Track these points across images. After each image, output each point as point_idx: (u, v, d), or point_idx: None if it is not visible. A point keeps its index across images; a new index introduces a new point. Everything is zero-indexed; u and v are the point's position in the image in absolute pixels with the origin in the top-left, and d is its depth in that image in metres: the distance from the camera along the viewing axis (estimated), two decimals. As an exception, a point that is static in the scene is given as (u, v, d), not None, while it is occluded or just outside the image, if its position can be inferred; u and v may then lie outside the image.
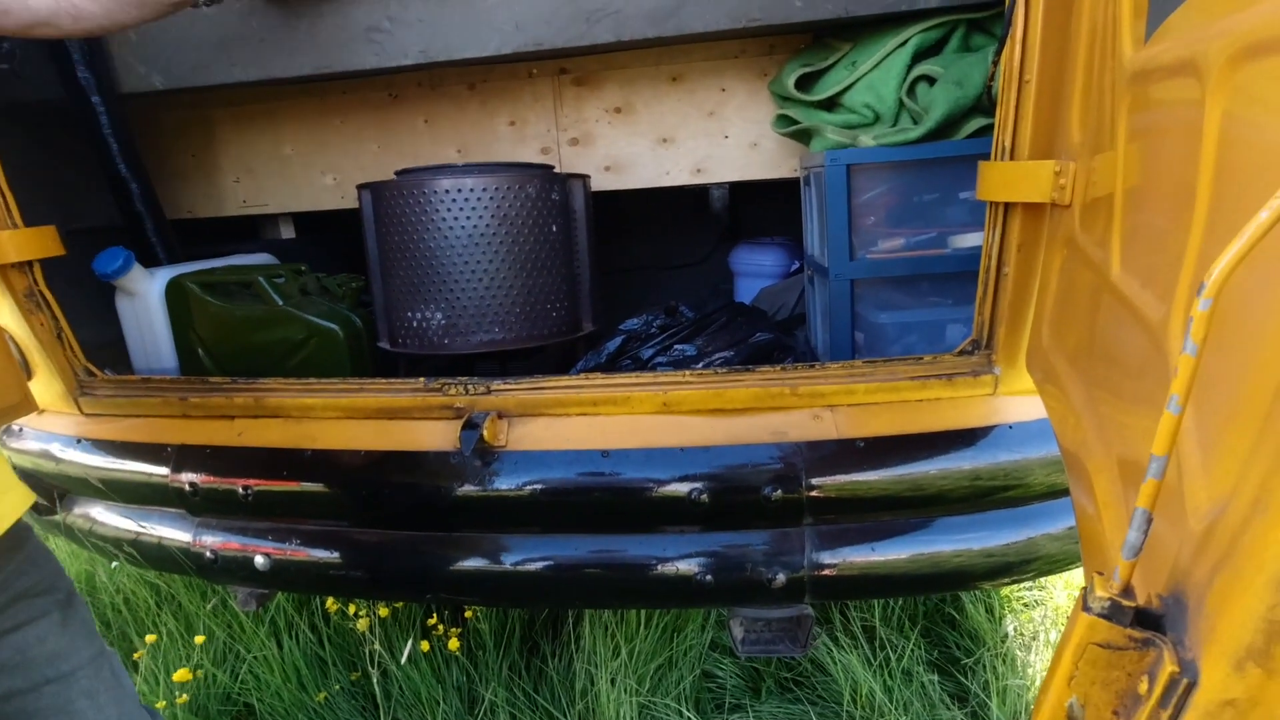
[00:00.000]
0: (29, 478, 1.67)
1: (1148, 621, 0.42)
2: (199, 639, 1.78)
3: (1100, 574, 0.43)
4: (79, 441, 1.58)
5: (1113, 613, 0.41)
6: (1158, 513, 0.51)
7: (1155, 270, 0.67)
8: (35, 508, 1.66)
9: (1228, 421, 0.43)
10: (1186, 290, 0.54)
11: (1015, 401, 1.36)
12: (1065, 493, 1.39)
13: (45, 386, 1.57)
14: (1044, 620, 2.03)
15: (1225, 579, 0.36)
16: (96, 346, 1.66)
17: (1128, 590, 0.41)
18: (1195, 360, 0.35)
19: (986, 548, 1.37)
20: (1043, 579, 2.14)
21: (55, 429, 1.61)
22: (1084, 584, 0.47)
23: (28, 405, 1.45)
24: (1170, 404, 0.36)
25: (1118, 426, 0.75)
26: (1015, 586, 2.16)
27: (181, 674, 1.65)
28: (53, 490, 1.67)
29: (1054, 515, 1.40)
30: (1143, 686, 0.39)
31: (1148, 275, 0.69)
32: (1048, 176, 1.07)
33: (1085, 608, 0.42)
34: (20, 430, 1.65)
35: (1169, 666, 0.38)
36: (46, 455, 1.61)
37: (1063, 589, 2.16)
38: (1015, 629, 2.01)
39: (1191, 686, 0.36)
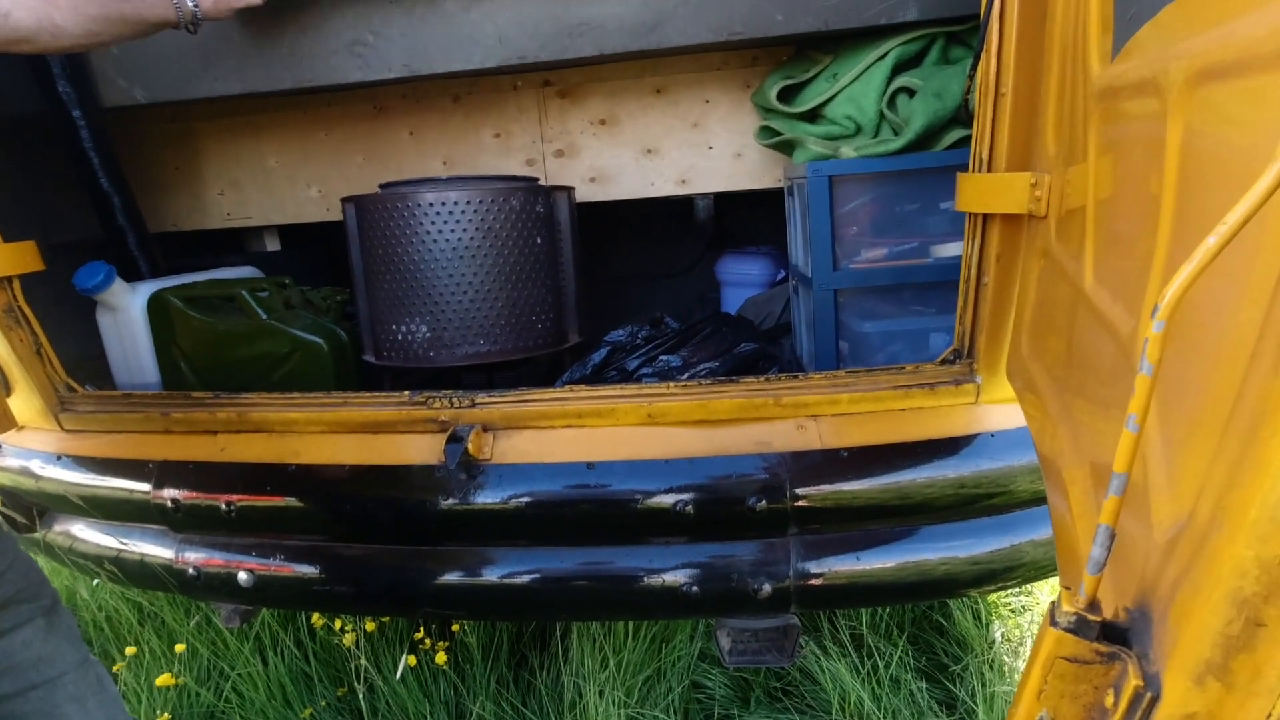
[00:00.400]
0: (7, 495, 1.65)
1: (1114, 635, 0.42)
2: (179, 647, 1.76)
3: (1068, 589, 0.43)
4: (59, 458, 1.56)
5: (1079, 627, 0.41)
6: (1130, 523, 0.51)
7: (1125, 283, 0.68)
8: (14, 525, 1.65)
9: (1190, 434, 0.44)
10: (1152, 305, 0.55)
11: (997, 410, 1.37)
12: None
13: (25, 403, 1.56)
14: (1031, 626, 2.05)
15: (1186, 593, 0.36)
16: (77, 361, 1.64)
17: (1093, 605, 0.42)
18: (1151, 380, 0.36)
19: (972, 555, 1.38)
20: (1029, 585, 2.16)
21: (35, 445, 1.59)
22: (1060, 589, 0.48)
23: (6, 422, 1.44)
24: (1129, 423, 0.36)
25: (1091, 432, 0.76)
26: (1002, 593, 2.17)
27: (164, 679, 1.63)
28: (32, 508, 1.65)
29: (1038, 522, 1.41)
30: (1109, 700, 0.40)
31: (1118, 288, 0.71)
32: (1024, 188, 1.09)
33: (1053, 622, 0.42)
34: (0, 447, 1.63)
35: (1133, 680, 0.38)
36: (26, 472, 1.59)
37: (1049, 594, 2.17)
38: (1003, 635, 2.02)
39: (1155, 700, 0.37)
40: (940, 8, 1.49)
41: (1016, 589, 2.17)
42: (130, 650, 1.77)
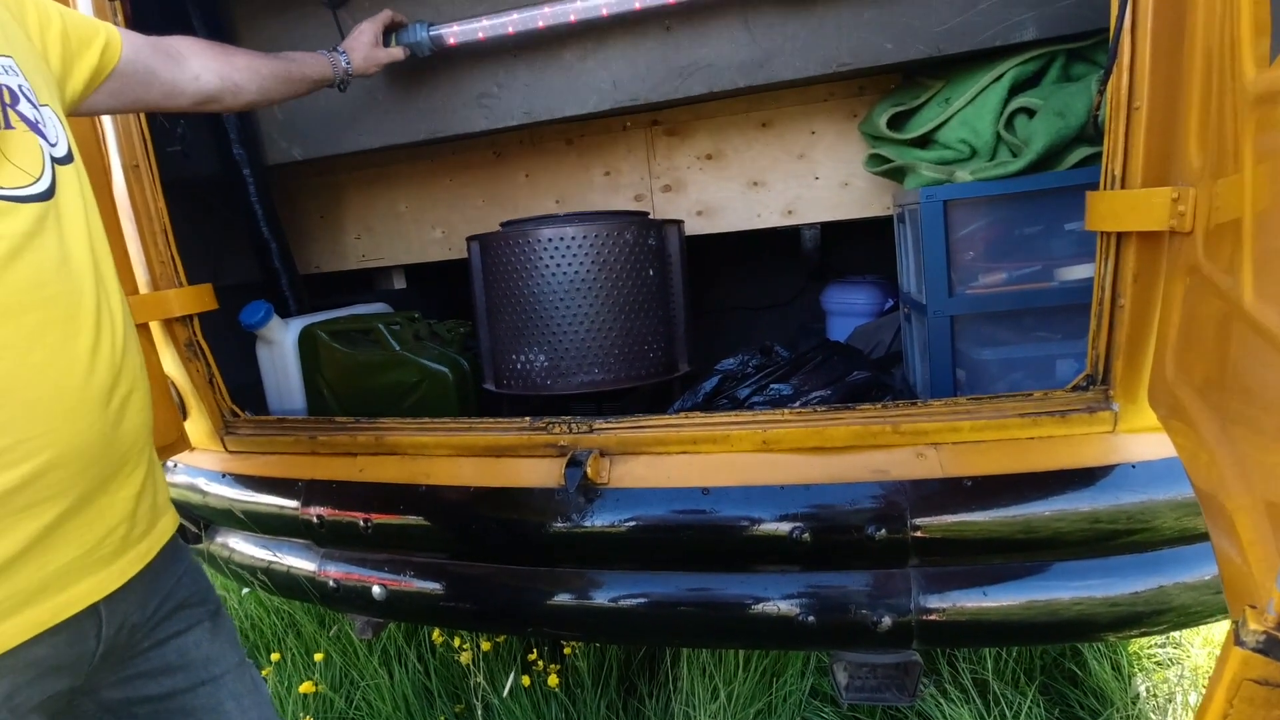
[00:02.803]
0: (179, 508, 1.84)
1: (1309, 659, 0.40)
2: (318, 656, 1.89)
3: (1253, 607, 0.41)
4: (223, 476, 1.73)
5: (1269, 647, 0.39)
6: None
7: (1295, 297, 0.64)
8: (185, 536, 1.84)
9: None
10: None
11: (1138, 439, 1.29)
12: (1200, 537, 1.30)
13: (197, 426, 1.75)
14: (1180, 681, 1.86)
15: (1396, 612, 0.34)
16: (238, 390, 1.83)
17: (1284, 624, 0.40)
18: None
19: (1110, 595, 1.29)
20: (1177, 634, 1.97)
21: (203, 465, 1.78)
22: (1233, 622, 0.46)
23: (183, 444, 1.62)
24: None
25: (1262, 466, 0.71)
26: (1146, 642, 1.99)
27: (306, 686, 1.75)
28: (199, 521, 1.83)
29: (1188, 562, 1.30)
30: (1307, 727, 0.37)
31: (1285, 302, 0.66)
32: (1164, 204, 1.04)
33: (1238, 642, 0.40)
34: (174, 466, 1.83)
35: (1337, 705, 0.36)
36: (195, 489, 1.78)
37: (1201, 646, 1.97)
38: (1147, 690, 1.85)
39: (1365, 726, 0.34)
40: (1060, 25, 1.46)
41: (1162, 638, 1.98)
42: (275, 656, 1.91)
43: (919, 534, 1.28)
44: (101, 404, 0.80)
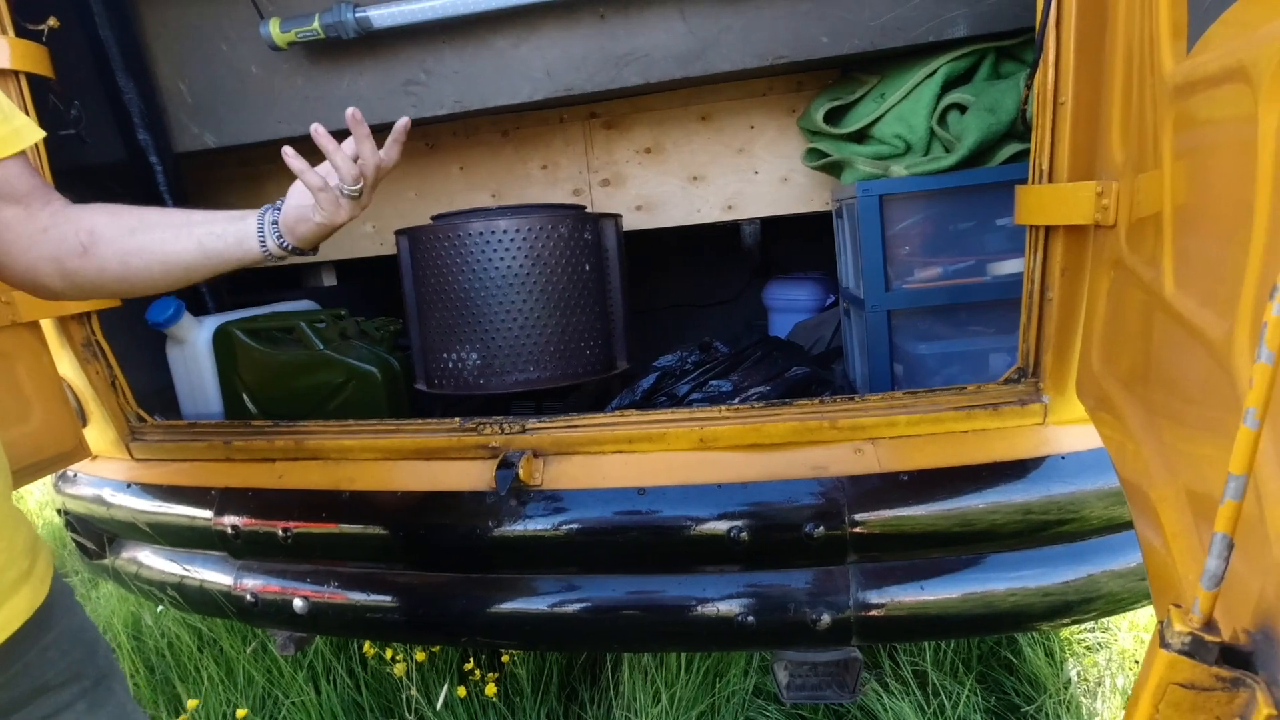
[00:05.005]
0: (80, 522, 1.71)
1: (1234, 659, 0.38)
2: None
3: (1177, 606, 0.40)
4: (129, 486, 1.61)
5: (1195, 649, 0.37)
6: (1240, 541, 0.47)
7: (1214, 286, 0.64)
8: (85, 552, 1.70)
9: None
10: (1251, 304, 0.51)
11: (1067, 431, 1.31)
12: (1127, 526, 1.32)
13: (99, 433, 1.62)
14: (1109, 665, 1.92)
15: (1321, 611, 0.33)
16: (148, 393, 1.71)
17: (1210, 624, 0.38)
18: (1272, 370, 0.32)
19: (1043, 586, 1.31)
20: (1106, 620, 2.03)
21: (107, 474, 1.65)
22: (1158, 619, 0.44)
23: (82, 451, 1.50)
24: (1247, 418, 0.33)
25: (1183, 455, 0.71)
26: (1077, 628, 2.04)
27: (242, 713, 1.65)
28: (102, 535, 1.70)
29: (1115, 550, 1.33)
30: (1234, 731, 0.36)
31: (1206, 292, 0.66)
32: (1089, 198, 1.05)
33: (1164, 644, 0.38)
34: (74, 476, 1.70)
35: (1264, 709, 0.34)
36: (98, 500, 1.65)
37: (1128, 630, 2.04)
38: (1078, 674, 1.90)
39: (1292, 731, 0.33)
40: (990, 22, 1.47)
41: (1092, 624, 2.04)
42: (193, 704, 1.79)
43: (857, 530, 1.27)
44: None
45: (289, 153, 0.90)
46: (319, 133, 0.92)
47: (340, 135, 0.93)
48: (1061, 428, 1.30)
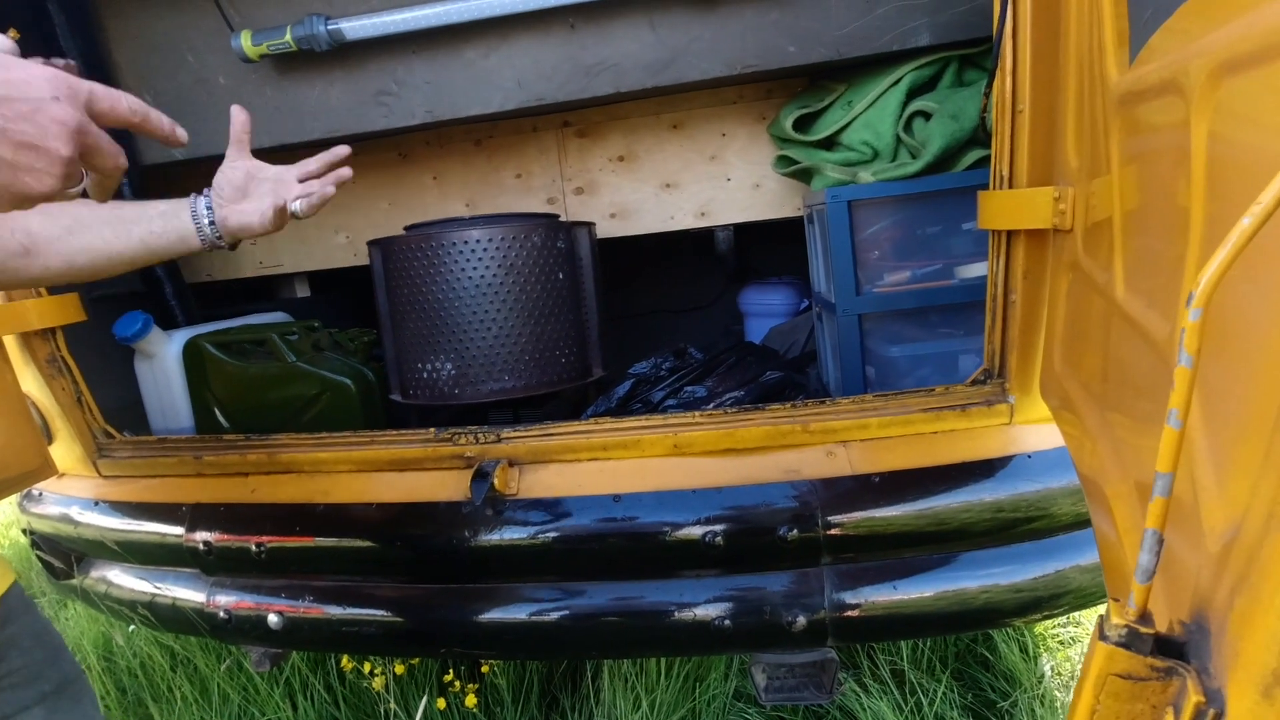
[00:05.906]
0: (47, 541, 1.68)
1: (1170, 649, 0.40)
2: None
3: (1117, 600, 0.41)
4: (96, 504, 1.59)
5: (1131, 641, 0.39)
6: (1177, 534, 0.49)
7: (1159, 289, 0.66)
8: (53, 571, 1.67)
9: (1238, 436, 0.42)
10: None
11: (1033, 430, 1.33)
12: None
13: (65, 450, 1.59)
14: (1082, 658, 1.95)
15: (1245, 601, 0.34)
16: (117, 409, 1.68)
17: (1145, 617, 0.40)
18: (1191, 373, 0.34)
19: (1014, 583, 1.33)
20: (1077, 614, 2.07)
21: (74, 492, 1.62)
22: (1099, 617, 0.46)
23: (48, 469, 1.47)
24: (1170, 419, 0.35)
25: (1133, 449, 0.73)
26: (1050, 623, 2.08)
27: None
28: (70, 554, 1.67)
29: (1084, 546, 1.36)
30: (1168, 718, 0.37)
31: (1152, 295, 0.69)
32: (1047, 203, 1.08)
33: (1102, 636, 0.40)
34: (40, 495, 1.67)
35: (1194, 697, 0.35)
36: (65, 519, 1.62)
37: (1100, 625, 2.07)
38: (1052, 668, 1.93)
39: (1219, 716, 0.34)
40: (953, 31, 1.50)
41: (1064, 618, 2.08)
42: None
43: (830, 532, 1.29)
44: None
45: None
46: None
47: (308, 149, 0.94)
48: (1028, 427, 1.33)
